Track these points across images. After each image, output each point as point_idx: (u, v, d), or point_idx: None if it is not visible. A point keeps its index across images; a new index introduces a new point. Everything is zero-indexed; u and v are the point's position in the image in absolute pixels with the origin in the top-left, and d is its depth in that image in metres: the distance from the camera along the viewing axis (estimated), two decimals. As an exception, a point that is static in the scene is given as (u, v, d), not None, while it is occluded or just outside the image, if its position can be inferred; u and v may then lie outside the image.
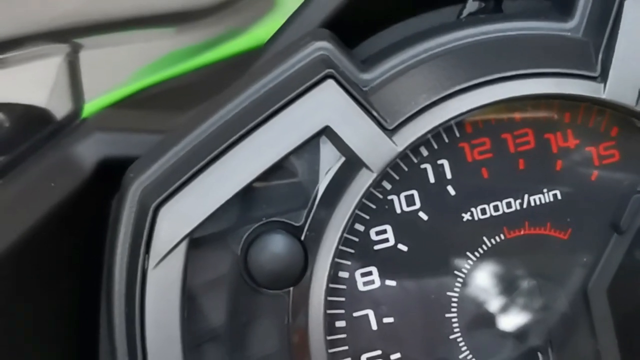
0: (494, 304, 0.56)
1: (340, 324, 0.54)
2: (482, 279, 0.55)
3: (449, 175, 0.55)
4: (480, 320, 0.56)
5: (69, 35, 0.72)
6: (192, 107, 0.57)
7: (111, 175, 0.56)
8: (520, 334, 0.56)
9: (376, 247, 0.55)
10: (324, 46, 0.54)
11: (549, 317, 0.56)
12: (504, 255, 0.55)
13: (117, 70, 0.75)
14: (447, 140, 0.54)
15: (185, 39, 0.81)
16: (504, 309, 0.56)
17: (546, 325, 0.56)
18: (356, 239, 0.54)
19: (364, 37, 0.60)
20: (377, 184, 0.53)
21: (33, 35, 0.71)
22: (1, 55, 0.69)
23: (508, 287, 0.56)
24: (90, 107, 0.69)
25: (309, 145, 0.53)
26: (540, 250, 0.55)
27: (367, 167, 0.52)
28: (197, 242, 0.53)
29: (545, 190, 0.55)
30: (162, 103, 0.68)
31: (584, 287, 0.55)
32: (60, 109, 0.69)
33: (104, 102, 0.70)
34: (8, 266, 0.54)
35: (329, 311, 0.54)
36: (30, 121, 0.67)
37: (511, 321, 0.56)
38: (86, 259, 0.57)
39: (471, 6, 0.60)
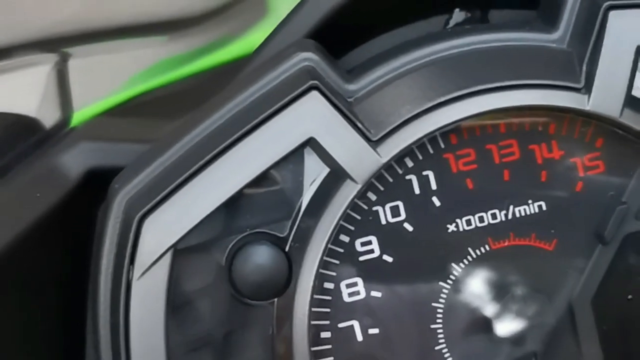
0: (479, 315, 0.56)
1: (326, 335, 0.54)
2: (467, 290, 0.55)
3: (434, 186, 0.55)
4: (466, 331, 0.56)
5: (58, 44, 0.73)
6: (182, 115, 0.57)
7: (98, 185, 0.56)
8: (505, 345, 0.56)
9: (361, 258, 0.55)
10: (309, 57, 0.54)
11: (533, 328, 0.56)
12: (489, 266, 0.55)
13: (107, 79, 0.75)
14: (431, 151, 0.54)
15: (176, 47, 0.81)
16: (489, 320, 0.56)
17: (531, 336, 0.56)
18: (341, 250, 0.54)
19: (351, 47, 0.60)
20: (361, 195, 0.53)
21: (22, 44, 0.71)
22: None
23: (493, 298, 0.56)
24: (79, 115, 0.70)
25: (294, 157, 0.53)
26: (525, 262, 0.55)
27: (352, 179, 0.52)
28: (182, 252, 0.53)
29: (530, 202, 0.55)
30: (152, 111, 0.69)
31: (568, 298, 0.55)
32: (48, 117, 0.69)
33: (93, 110, 0.70)
34: None
35: (313, 322, 0.54)
36: (18, 130, 0.67)
37: (496, 332, 0.56)
38: (72, 269, 0.57)
39: (457, 16, 0.60)
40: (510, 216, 0.55)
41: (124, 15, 0.81)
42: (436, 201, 0.55)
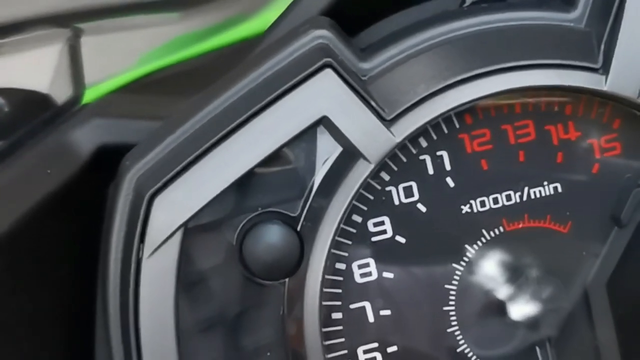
0: (492, 297, 0.56)
1: (337, 315, 0.55)
2: (481, 272, 0.56)
3: (448, 167, 0.55)
4: (478, 314, 0.56)
5: (70, 20, 0.73)
6: (195, 93, 0.57)
7: (109, 162, 0.57)
8: (519, 328, 0.56)
9: (374, 239, 0.55)
10: (323, 34, 0.54)
11: (548, 312, 0.56)
12: (503, 248, 0.56)
13: (119, 56, 0.75)
14: (446, 131, 0.54)
15: (189, 24, 0.82)
16: (503, 302, 0.56)
17: (545, 320, 0.56)
18: (353, 230, 0.54)
19: (365, 25, 0.60)
20: (374, 174, 0.54)
21: (34, 19, 0.72)
22: (2, 39, 0.69)
23: (507, 280, 0.56)
24: (91, 92, 0.70)
25: (306, 135, 0.53)
26: (540, 244, 0.56)
27: (365, 158, 0.53)
28: (192, 231, 0.53)
29: (545, 183, 0.55)
30: (164, 89, 0.69)
31: (583, 281, 0.55)
32: (60, 94, 0.69)
33: (106, 87, 0.71)
34: (3, 252, 0.55)
35: (324, 303, 0.54)
36: (30, 106, 0.68)
37: (510, 315, 0.56)
38: (83, 247, 0.58)
39: None
40: (525, 198, 0.55)
41: None
42: (450, 182, 0.55)
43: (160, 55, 0.73)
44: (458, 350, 0.56)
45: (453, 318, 0.55)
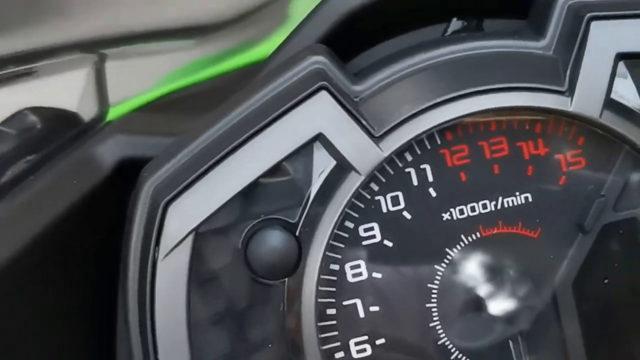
0: (470, 295, 0.56)
1: (331, 311, 0.55)
2: (460, 273, 0.56)
3: (430, 179, 0.55)
4: (457, 310, 0.56)
5: (96, 46, 0.73)
6: (207, 112, 0.57)
7: (129, 173, 0.57)
8: (494, 323, 0.56)
9: (364, 243, 0.55)
10: (319, 60, 0.54)
11: (520, 308, 0.56)
12: (479, 251, 0.56)
13: (140, 78, 0.75)
14: (429, 147, 0.54)
15: (203, 50, 0.82)
16: (480, 300, 0.56)
17: (518, 315, 0.56)
18: (346, 235, 0.55)
19: (358, 52, 0.60)
20: (365, 185, 0.54)
21: (64, 46, 0.71)
22: (36, 63, 0.69)
23: (483, 280, 0.56)
24: (115, 110, 0.71)
25: (304, 150, 0.53)
26: (513, 248, 0.56)
27: (356, 171, 0.53)
28: (202, 236, 0.53)
29: (517, 193, 0.55)
30: (180, 108, 0.69)
31: (552, 282, 0.55)
32: (87, 112, 0.70)
33: (127, 106, 0.71)
34: (33, 255, 0.55)
35: (320, 300, 0.54)
36: (60, 123, 0.68)
37: (486, 311, 0.56)
38: (105, 249, 0.58)
39: (455, 25, 0.61)
40: (499, 206, 0.55)
41: (158, 20, 0.81)
42: (432, 192, 0.55)
43: (176, 78, 0.73)
44: (439, 342, 0.56)
45: (435, 314, 0.55)
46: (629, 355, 0.57)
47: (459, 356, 0.56)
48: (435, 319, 0.56)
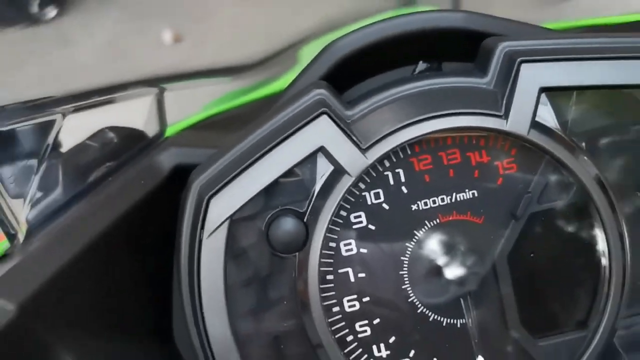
0: (431, 265, 0.56)
1: (330, 277, 0.55)
2: (424, 249, 0.56)
3: (403, 179, 0.55)
4: (422, 276, 0.56)
5: (158, 82, 0.73)
6: (238, 130, 0.57)
7: (181, 176, 0.57)
8: (449, 286, 0.56)
9: (354, 227, 0.55)
10: (321, 92, 0.55)
11: (469, 274, 0.56)
12: (439, 232, 0.56)
13: (189, 105, 0.76)
14: (402, 156, 0.55)
15: (236, 84, 0.83)
16: (439, 269, 0.56)
17: (468, 280, 0.56)
18: (341, 221, 0.55)
19: (350, 86, 0.61)
20: (354, 184, 0.54)
21: (134, 82, 0.72)
22: (114, 94, 0.69)
23: (442, 254, 0.56)
24: (171, 129, 0.72)
25: (310, 159, 0.54)
26: (464, 230, 0.56)
27: (348, 174, 0.53)
28: (235, 221, 0.54)
29: (467, 190, 0.55)
30: (219, 127, 0.70)
31: (492, 255, 0.56)
32: (150, 130, 0.71)
33: (180, 126, 0.72)
34: (113, 234, 0.55)
35: (321, 268, 0.54)
36: (131, 138, 0.69)
37: (443, 277, 0.56)
38: (163, 233, 0.58)
39: (421, 66, 0.61)
40: (453, 200, 0.55)
41: (203, 63, 0.81)
42: (404, 189, 0.55)
43: (215, 105, 0.74)
44: (409, 300, 0.56)
45: (406, 279, 0.55)
46: (548, 307, 0.57)
47: (424, 310, 0.56)
48: (406, 282, 0.55)
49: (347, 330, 0.55)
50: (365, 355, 0.55)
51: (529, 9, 0.92)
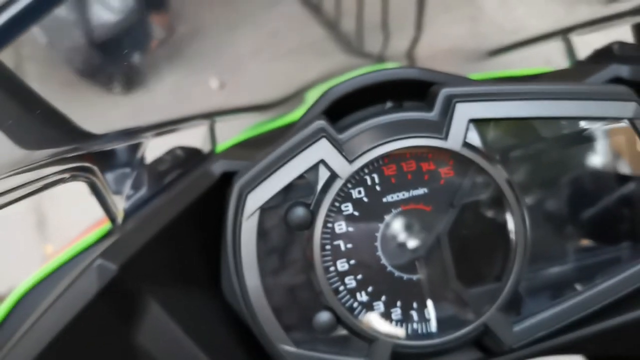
0: (396, 239, 0.56)
1: (328, 247, 0.55)
2: (391, 228, 0.56)
3: (377, 181, 0.55)
4: (390, 246, 0.56)
5: (210, 117, 0.74)
6: (266, 147, 0.57)
7: (228, 180, 0.57)
8: (408, 253, 0.56)
9: (344, 213, 0.55)
10: (321, 123, 0.55)
11: (421, 245, 0.56)
12: (401, 217, 0.55)
13: (232, 131, 0.76)
14: (376, 165, 0.55)
15: (263, 116, 0.83)
16: (401, 242, 0.56)
17: (420, 248, 0.56)
18: (335, 209, 0.55)
19: (341, 117, 0.60)
20: (344, 185, 0.54)
21: (194, 116, 0.72)
22: (178, 125, 0.70)
23: (403, 231, 0.56)
24: (220, 147, 0.71)
25: (314, 168, 0.54)
26: (418, 215, 0.55)
27: (340, 177, 0.54)
28: (264, 210, 0.54)
29: (419, 188, 0.55)
30: (253, 146, 0.69)
31: (437, 231, 0.56)
32: (205, 148, 0.70)
33: (226, 145, 0.71)
34: (177, 223, 0.56)
35: (322, 241, 0.55)
36: (192, 154, 0.69)
37: (404, 246, 0.56)
38: (216, 219, 0.58)
39: (389, 104, 0.60)
40: (410, 195, 0.55)
41: (241, 102, 0.81)
42: (378, 188, 0.55)
43: (249, 131, 0.74)
44: (381, 262, 0.56)
45: (378, 247, 0.55)
46: (475, 266, 0.56)
47: (391, 269, 0.56)
48: (378, 250, 0.55)
49: (339, 283, 0.55)
50: (352, 299, 0.55)
51: (462, 64, 0.93)
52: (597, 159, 0.58)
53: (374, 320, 0.56)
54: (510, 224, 0.55)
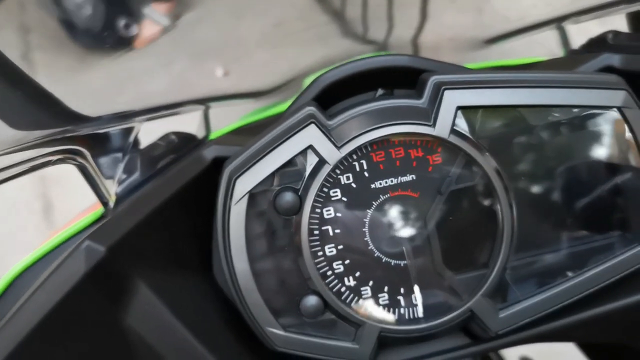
0: (384, 224, 0.56)
1: (316, 232, 0.55)
2: (379, 213, 0.56)
3: (365, 167, 0.55)
4: (378, 231, 0.56)
5: (205, 102, 0.73)
6: (257, 134, 0.56)
7: (219, 164, 0.57)
8: (396, 238, 0.56)
9: (332, 199, 0.55)
10: (311, 109, 0.55)
11: (408, 229, 0.56)
12: (389, 203, 0.55)
13: (226, 118, 0.76)
14: (364, 152, 0.55)
15: (258, 104, 0.82)
16: (388, 226, 0.56)
17: (407, 234, 0.56)
18: (323, 195, 0.55)
19: (331, 104, 0.60)
20: (332, 170, 0.54)
21: (189, 101, 0.72)
22: (175, 109, 0.69)
23: (391, 217, 0.56)
24: (214, 134, 0.71)
25: (303, 153, 0.54)
26: (406, 201, 0.55)
27: (328, 163, 0.54)
28: (253, 194, 0.54)
29: (408, 174, 0.55)
30: (246, 132, 0.69)
31: (424, 217, 0.56)
32: (200, 135, 0.70)
33: (220, 132, 0.71)
34: (169, 206, 0.55)
35: (310, 226, 0.55)
36: (187, 140, 0.69)
37: (392, 232, 0.56)
38: (207, 203, 0.57)
39: (380, 92, 0.61)
40: (399, 181, 0.55)
41: (236, 89, 0.81)
42: (366, 174, 0.55)
43: (244, 118, 0.74)
44: (369, 248, 0.56)
45: (366, 233, 0.55)
46: (462, 253, 0.56)
47: (379, 255, 0.56)
48: (367, 236, 0.55)
49: (327, 267, 0.55)
50: (340, 284, 0.55)
51: (465, 53, 0.92)
52: (586, 147, 0.57)
53: (362, 305, 0.56)
54: (498, 212, 0.55)
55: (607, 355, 0.77)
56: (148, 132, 0.64)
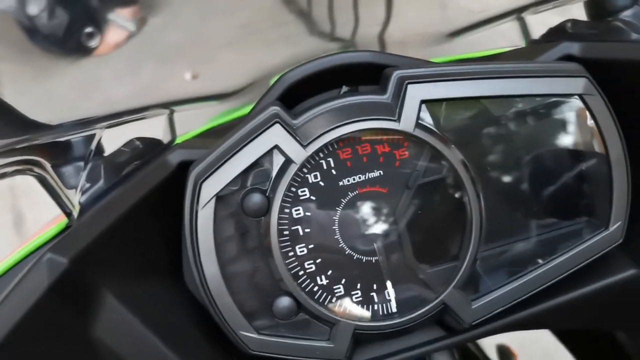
0: (353, 221, 0.56)
1: (286, 232, 0.55)
2: (348, 211, 0.56)
3: (332, 165, 0.55)
4: (348, 229, 0.56)
5: (169, 106, 0.72)
6: (223, 136, 0.56)
7: (184, 169, 0.56)
8: (366, 235, 0.56)
9: (301, 198, 0.55)
10: (275, 108, 0.54)
11: (378, 225, 0.56)
12: (357, 199, 0.55)
13: (191, 122, 0.75)
14: (330, 149, 0.55)
15: (225, 106, 0.81)
16: (358, 223, 0.56)
17: (377, 230, 0.56)
18: (291, 194, 0.55)
19: (296, 103, 0.60)
20: (299, 169, 0.54)
21: (154, 105, 0.71)
22: (139, 114, 0.68)
23: (360, 214, 0.56)
24: (179, 139, 0.70)
25: (269, 153, 0.54)
26: (374, 197, 0.56)
27: (294, 162, 0.53)
28: (220, 197, 0.54)
29: (375, 170, 0.55)
30: (212, 135, 0.68)
31: (393, 212, 0.56)
32: (165, 139, 0.69)
33: (185, 137, 0.70)
34: (135, 213, 0.55)
35: (279, 227, 0.54)
36: (151, 144, 0.67)
37: (361, 229, 0.56)
38: (173, 209, 0.57)
39: (344, 89, 0.60)
40: (366, 177, 0.55)
41: (201, 91, 0.80)
42: (334, 172, 0.55)
43: (210, 121, 0.73)
44: (339, 245, 0.56)
45: (337, 231, 0.55)
46: (432, 246, 0.57)
47: (350, 252, 0.56)
48: (337, 234, 0.55)
49: (299, 267, 0.55)
50: (312, 284, 0.55)
51: (431, 48, 0.92)
52: (551, 136, 0.58)
53: (335, 304, 0.56)
54: (466, 203, 0.55)
55: (581, 339, 0.79)
56: (112, 139, 0.63)
